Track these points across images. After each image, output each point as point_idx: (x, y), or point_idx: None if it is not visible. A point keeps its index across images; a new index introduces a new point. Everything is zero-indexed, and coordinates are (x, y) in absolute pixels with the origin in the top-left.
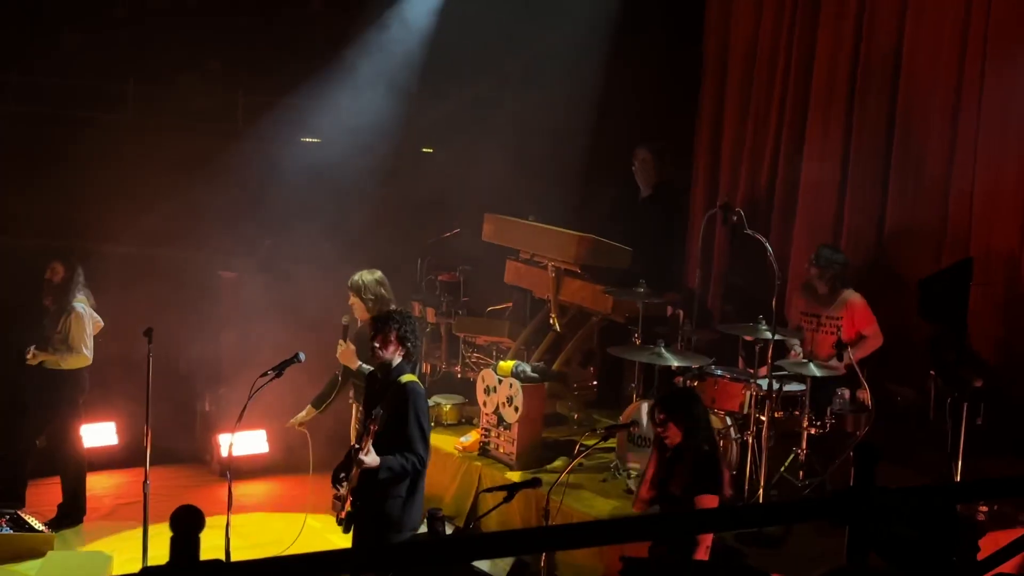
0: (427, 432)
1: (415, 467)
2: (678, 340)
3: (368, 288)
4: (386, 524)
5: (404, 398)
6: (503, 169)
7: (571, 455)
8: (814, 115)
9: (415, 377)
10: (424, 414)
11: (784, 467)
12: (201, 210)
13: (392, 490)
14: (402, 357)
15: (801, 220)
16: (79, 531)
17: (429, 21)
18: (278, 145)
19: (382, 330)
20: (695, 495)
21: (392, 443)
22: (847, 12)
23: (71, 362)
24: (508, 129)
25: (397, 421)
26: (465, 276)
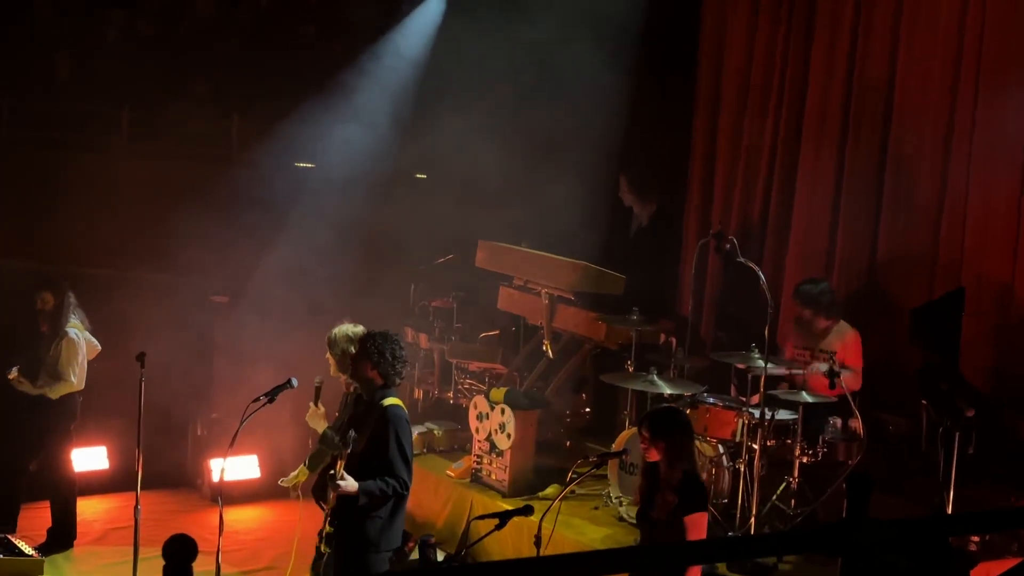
0: (409, 455)
1: (396, 490)
2: (671, 368)
3: (337, 343)
4: (364, 544)
5: (385, 421)
6: (496, 195)
7: (563, 482)
8: (807, 144)
9: (397, 400)
10: (406, 437)
11: (776, 495)
12: (194, 234)
13: (372, 511)
14: (383, 380)
15: (794, 248)
16: (69, 556)
17: (422, 48)
18: (272, 170)
19: (360, 352)
20: (683, 515)
21: (373, 466)
22: (840, 42)
23: (57, 390)
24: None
25: (378, 444)
26: (458, 302)
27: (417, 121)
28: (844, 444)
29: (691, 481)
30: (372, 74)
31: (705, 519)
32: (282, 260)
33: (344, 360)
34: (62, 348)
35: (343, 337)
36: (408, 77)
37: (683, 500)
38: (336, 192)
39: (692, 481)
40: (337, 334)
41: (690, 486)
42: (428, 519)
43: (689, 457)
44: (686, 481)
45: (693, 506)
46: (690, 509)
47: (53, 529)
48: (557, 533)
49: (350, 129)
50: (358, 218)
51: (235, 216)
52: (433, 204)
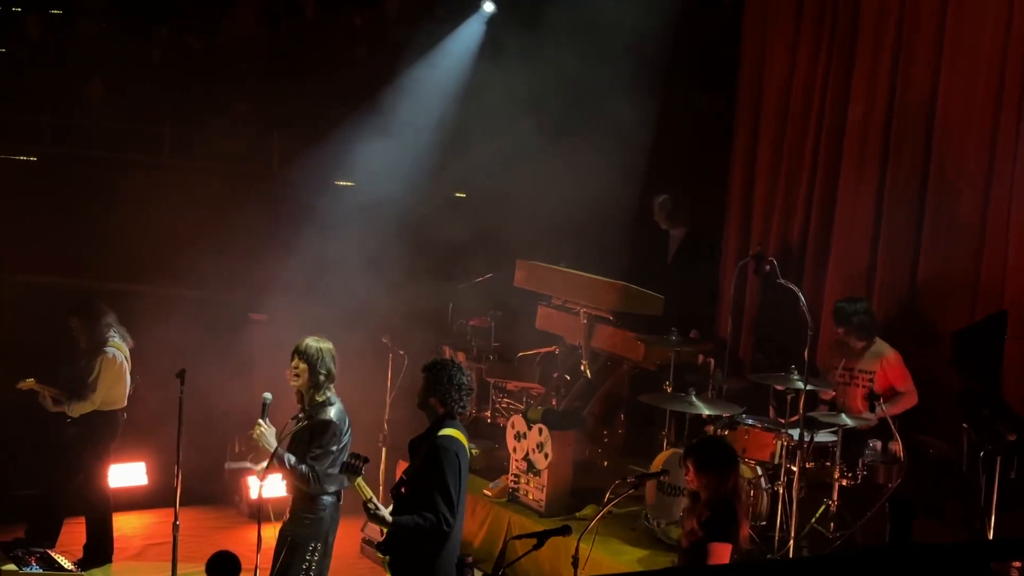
0: (452, 490)
1: (433, 526)
2: (709, 388)
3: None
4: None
5: (434, 453)
6: (536, 215)
7: (600, 503)
8: (847, 165)
9: (454, 432)
10: (452, 471)
11: (815, 518)
12: (234, 252)
13: (418, 545)
14: (444, 409)
15: (834, 270)
16: (108, 571)
17: (463, 68)
18: (312, 188)
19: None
20: (709, 541)
21: (418, 499)
22: (881, 65)
23: (75, 409)
24: (541, 175)
25: (424, 476)
26: (496, 321)
27: (457, 140)
28: (884, 467)
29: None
30: (412, 93)
31: (728, 551)
32: (320, 278)
33: (329, 378)
34: (97, 365)
35: (328, 353)
36: (448, 96)
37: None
38: (375, 211)
39: (723, 510)
40: (323, 349)
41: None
42: (465, 538)
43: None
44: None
45: (719, 535)
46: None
47: (89, 544)
48: (594, 553)
49: (390, 148)
50: (397, 237)
51: (275, 234)
52: (472, 223)
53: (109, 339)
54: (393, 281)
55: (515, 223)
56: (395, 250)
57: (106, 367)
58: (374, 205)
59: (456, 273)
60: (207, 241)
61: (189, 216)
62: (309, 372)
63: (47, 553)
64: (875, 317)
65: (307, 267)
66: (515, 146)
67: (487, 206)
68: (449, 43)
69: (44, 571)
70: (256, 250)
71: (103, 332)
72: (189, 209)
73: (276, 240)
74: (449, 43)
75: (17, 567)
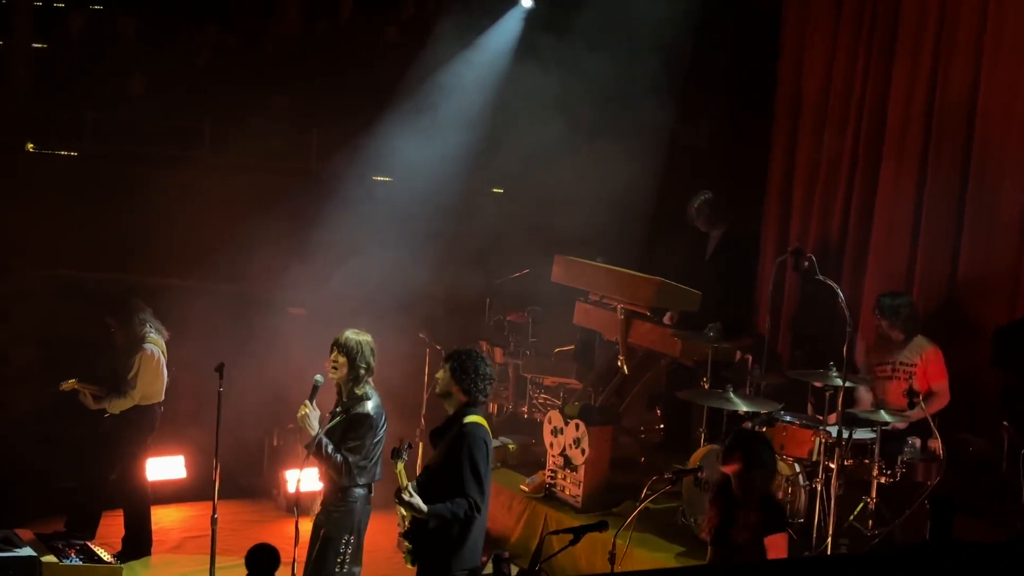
0: (482, 475)
1: (465, 512)
2: (747, 385)
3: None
4: (437, 566)
5: (461, 439)
6: (573, 210)
7: (637, 499)
8: (887, 161)
9: (479, 419)
10: (481, 456)
11: (853, 516)
12: (272, 247)
13: (443, 533)
14: (467, 397)
15: (873, 266)
16: (147, 563)
17: (501, 63)
18: (349, 184)
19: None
20: (765, 535)
21: (446, 484)
22: (922, 60)
23: (116, 406)
24: (579, 171)
25: (452, 462)
26: (534, 317)
27: (494, 136)
28: (923, 465)
29: (772, 502)
30: (450, 89)
31: (786, 540)
32: (359, 273)
33: (368, 371)
34: (135, 362)
35: (368, 346)
36: (485, 92)
37: (765, 520)
38: (413, 206)
39: (772, 502)
40: (363, 343)
41: (771, 506)
42: (501, 534)
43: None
44: (767, 502)
45: (775, 526)
46: (772, 529)
47: (127, 537)
48: (631, 549)
49: (427, 143)
50: (434, 232)
51: (313, 229)
52: (509, 219)
53: (146, 335)
54: (430, 276)
55: (552, 219)
56: (432, 246)
57: (144, 363)
58: (411, 200)
59: (493, 268)
60: (246, 236)
61: (228, 211)
62: (348, 365)
63: (87, 545)
64: (918, 312)
65: (345, 262)
66: (552, 142)
67: (524, 202)
68: (487, 39)
69: (84, 563)
70: (294, 245)
71: (140, 328)
72: (228, 204)
73: (314, 235)
74: (487, 39)
75: (57, 559)
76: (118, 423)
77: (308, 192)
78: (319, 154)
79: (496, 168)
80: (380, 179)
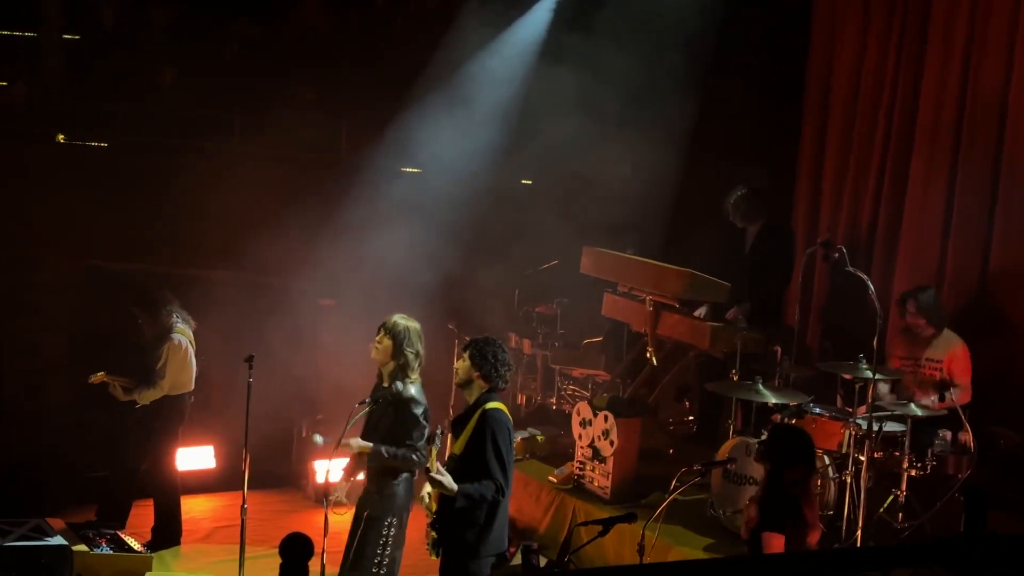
0: (506, 458)
1: (492, 494)
2: (776, 377)
3: (411, 340)
4: (464, 550)
5: (484, 424)
6: (602, 202)
7: (666, 490)
8: (918, 153)
9: (499, 404)
10: (504, 440)
11: (883, 508)
12: (302, 238)
13: (469, 516)
14: (487, 384)
15: (903, 258)
16: (177, 553)
17: (530, 54)
18: (379, 174)
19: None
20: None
21: (471, 469)
22: (953, 54)
23: (146, 396)
24: (608, 162)
25: (476, 447)
26: (562, 308)
27: (524, 127)
28: (954, 457)
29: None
30: (479, 79)
31: (780, 542)
32: (388, 264)
33: (418, 357)
34: (163, 352)
35: (415, 332)
36: (515, 83)
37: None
38: (442, 197)
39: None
40: (410, 328)
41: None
42: (530, 525)
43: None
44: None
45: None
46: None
47: (157, 527)
48: (660, 541)
49: (457, 135)
50: (463, 223)
51: (342, 220)
52: (538, 210)
53: (174, 326)
54: (459, 268)
55: (581, 210)
56: (461, 236)
57: (172, 354)
58: (440, 192)
59: (522, 260)
60: (275, 227)
61: (258, 202)
62: (393, 348)
63: (117, 535)
64: (944, 306)
65: (374, 253)
66: (581, 132)
67: (553, 193)
68: (516, 29)
69: (114, 552)
70: (324, 236)
71: (167, 319)
72: (258, 195)
73: (344, 226)
74: (516, 29)
75: (88, 548)
76: (149, 413)
77: (337, 183)
78: (348, 145)
79: (525, 159)
80: (409, 170)
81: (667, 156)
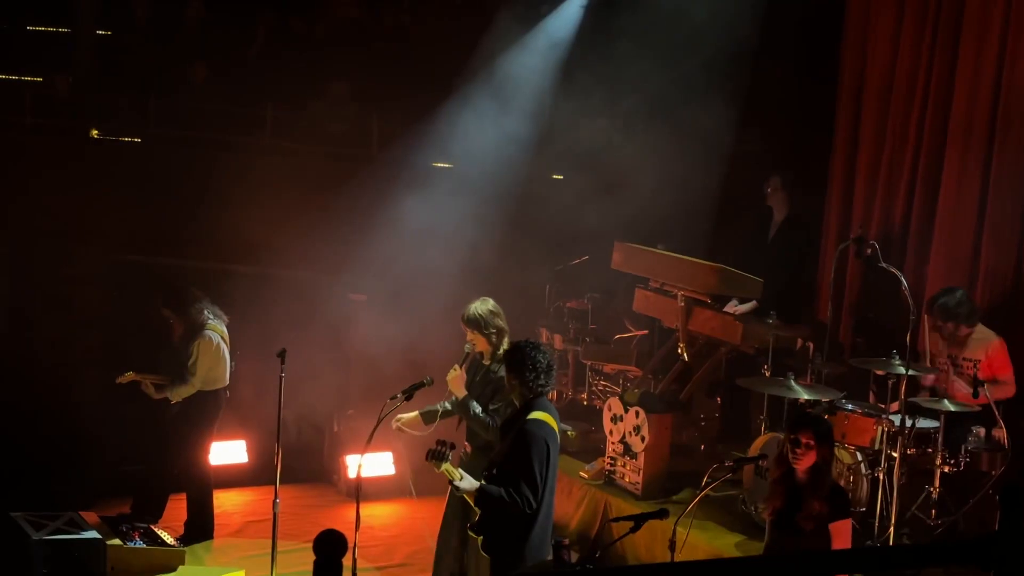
0: (537, 474)
1: (517, 505)
2: (808, 373)
3: (488, 323)
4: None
5: (521, 437)
6: (633, 196)
7: (697, 486)
8: (952, 148)
9: (542, 415)
10: (538, 455)
11: (916, 505)
12: (333, 233)
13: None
14: (529, 390)
15: (936, 254)
16: (209, 547)
17: (562, 48)
18: (410, 169)
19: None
20: (831, 521)
21: (503, 477)
22: (987, 47)
23: (178, 393)
24: (639, 157)
25: (511, 457)
26: (593, 304)
27: (554, 122)
28: (988, 454)
29: (837, 488)
30: (510, 74)
31: (850, 526)
32: (419, 259)
33: (500, 335)
34: (194, 349)
35: (488, 313)
36: (546, 78)
37: (832, 507)
38: (472, 192)
39: (837, 489)
40: (481, 312)
41: (837, 493)
42: (561, 520)
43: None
44: (832, 489)
45: (840, 513)
46: (837, 516)
47: (190, 521)
48: (691, 537)
49: (488, 129)
50: (494, 218)
51: (374, 215)
52: (569, 205)
53: (205, 322)
54: (490, 263)
55: (612, 205)
56: (492, 232)
57: (203, 350)
58: (472, 187)
59: (553, 255)
60: (307, 222)
61: (290, 197)
62: (483, 336)
63: (151, 528)
64: (975, 303)
65: (406, 248)
66: (612, 127)
67: (584, 188)
68: (548, 24)
69: (148, 546)
70: (355, 231)
71: (198, 316)
72: (290, 190)
73: (375, 221)
74: (548, 24)
75: (122, 541)
76: (184, 407)
77: (369, 177)
78: (380, 140)
79: (556, 154)
80: (441, 165)
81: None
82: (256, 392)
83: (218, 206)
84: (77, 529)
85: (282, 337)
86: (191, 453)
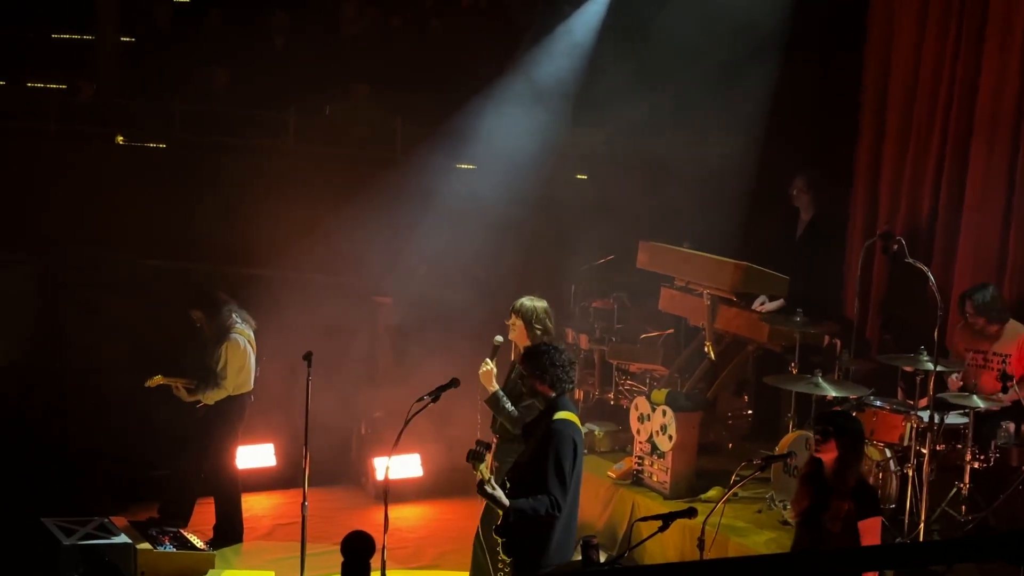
0: (566, 474)
1: (547, 510)
2: (835, 370)
3: (539, 318)
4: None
5: (548, 436)
6: (658, 196)
7: (725, 485)
8: (977, 143)
9: (568, 415)
10: (567, 455)
11: (946, 502)
12: (358, 235)
13: (533, 528)
14: (553, 389)
15: (964, 249)
16: (238, 550)
17: (585, 48)
18: (434, 172)
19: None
20: (860, 519)
21: (531, 478)
22: (1012, 43)
23: (211, 396)
24: (664, 156)
25: (539, 458)
26: (619, 303)
27: (578, 122)
28: (1017, 449)
29: (864, 486)
30: (533, 76)
31: (879, 524)
32: (443, 261)
33: (545, 335)
34: (222, 352)
35: (543, 311)
36: (569, 78)
37: (859, 505)
38: (497, 193)
39: (865, 486)
40: (538, 307)
41: (864, 491)
42: (589, 520)
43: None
44: (860, 486)
45: (869, 510)
46: (866, 513)
47: (219, 525)
48: (720, 536)
49: (510, 130)
50: (519, 219)
51: (398, 217)
52: (593, 205)
53: (233, 326)
54: (515, 263)
55: (637, 204)
56: (517, 232)
57: (232, 354)
58: (495, 188)
59: (578, 255)
60: (332, 225)
61: (314, 200)
62: (525, 327)
63: (180, 532)
64: (1005, 299)
65: (430, 250)
66: (637, 126)
67: (609, 187)
68: (571, 24)
69: (177, 550)
70: (380, 234)
71: (226, 320)
72: (314, 194)
73: (399, 224)
74: (571, 24)
75: (151, 546)
76: (210, 412)
77: (393, 180)
78: (404, 143)
79: (580, 154)
80: (464, 167)
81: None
82: (283, 395)
83: (243, 210)
84: (107, 534)
85: (308, 340)
86: (216, 458)
